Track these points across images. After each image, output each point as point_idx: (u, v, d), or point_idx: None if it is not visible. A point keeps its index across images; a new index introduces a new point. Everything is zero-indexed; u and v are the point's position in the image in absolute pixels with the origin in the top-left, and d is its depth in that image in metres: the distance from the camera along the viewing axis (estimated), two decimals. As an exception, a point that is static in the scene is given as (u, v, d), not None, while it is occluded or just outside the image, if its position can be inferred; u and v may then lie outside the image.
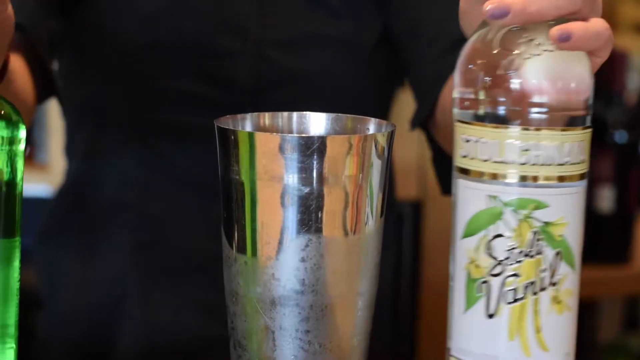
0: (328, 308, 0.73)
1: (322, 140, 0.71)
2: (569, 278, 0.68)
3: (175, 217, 1.10)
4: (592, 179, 1.78)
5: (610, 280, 1.84)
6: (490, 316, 0.68)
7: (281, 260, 0.72)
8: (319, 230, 0.72)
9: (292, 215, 0.71)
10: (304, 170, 0.71)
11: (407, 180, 1.22)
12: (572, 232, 0.68)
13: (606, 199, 1.80)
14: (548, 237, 0.67)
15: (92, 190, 1.13)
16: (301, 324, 0.73)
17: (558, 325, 0.68)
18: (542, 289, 0.67)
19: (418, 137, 1.72)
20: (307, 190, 0.71)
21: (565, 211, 0.67)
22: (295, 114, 0.80)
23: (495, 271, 0.68)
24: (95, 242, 1.13)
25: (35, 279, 1.19)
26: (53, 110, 1.74)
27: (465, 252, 0.69)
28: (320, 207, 0.71)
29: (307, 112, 0.79)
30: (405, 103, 1.20)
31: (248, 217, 0.72)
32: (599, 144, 1.74)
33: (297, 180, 0.71)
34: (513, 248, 0.67)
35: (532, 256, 0.67)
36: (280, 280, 0.72)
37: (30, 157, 1.85)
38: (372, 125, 0.78)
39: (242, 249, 0.73)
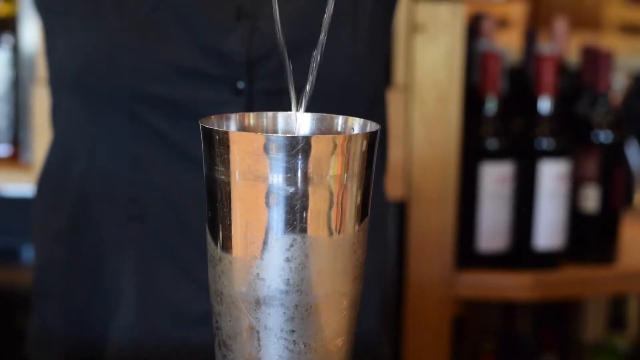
0: (313, 308, 0.73)
1: (306, 140, 0.71)
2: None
3: (173, 191, 1.10)
4: (577, 179, 1.78)
5: (595, 280, 1.84)
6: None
7: (266, 260, 0.72)
8: (303, 230, 0.72)
9: (276, 215, 0.71)
10: (289, 170, 0.71)
11: (392, 180, 1.23)
12: None
13: (591, 198, 1.81)
14: None
15: (83, 164, 1.12)
16: (286, 324, 0.73)
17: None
18: None
19: (404, 137, 1.73)
20: (291, 190, 0.71)
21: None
22: (280, 114, 0.80)
23: None
24: (86, 219, 1.13)
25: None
26: (38, 110, 1.74)
27: None
28: (305, 207, 0.71)
29: (292, 112, 0.79)
30: (391, 104, 1.20)
31: (233, 217, 0.72)
32: (584, 144, 1.75)
33: (282, 180, 0.71)
34: None
35: None
36: (265, 280, 0.72)
37: (15, 156, 1.84)
38: (356, 125, 0.78)
39: (226, 249, 0.73)
